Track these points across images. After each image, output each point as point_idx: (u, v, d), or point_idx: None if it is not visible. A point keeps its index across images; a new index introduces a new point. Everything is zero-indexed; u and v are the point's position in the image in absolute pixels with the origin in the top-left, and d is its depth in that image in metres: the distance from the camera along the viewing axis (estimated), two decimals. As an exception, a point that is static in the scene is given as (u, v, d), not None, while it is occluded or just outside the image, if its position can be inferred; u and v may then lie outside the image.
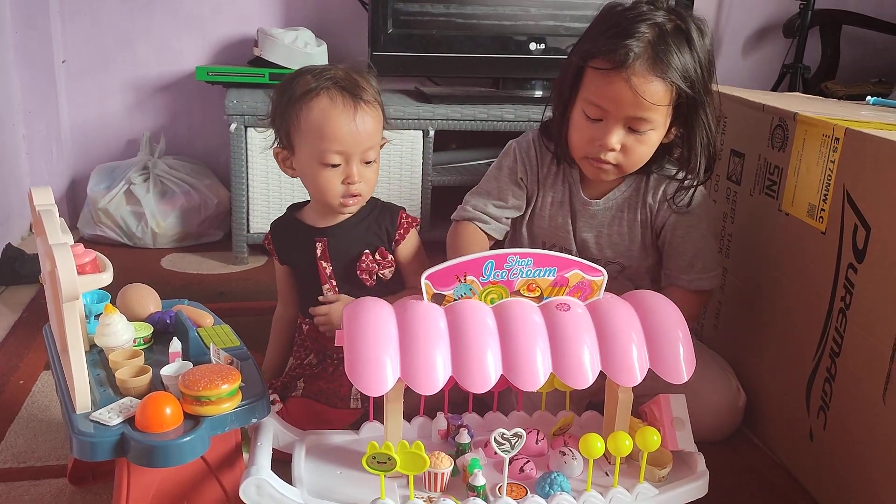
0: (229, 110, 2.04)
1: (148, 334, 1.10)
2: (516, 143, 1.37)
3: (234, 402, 0.94)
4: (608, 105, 1.18)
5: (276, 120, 1.27)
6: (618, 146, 1.20)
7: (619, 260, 1.35)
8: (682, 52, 1.16)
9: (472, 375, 0.88)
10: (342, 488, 0.97)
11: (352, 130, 1.21)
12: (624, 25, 1.17)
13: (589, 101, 1.21)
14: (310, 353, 1.35)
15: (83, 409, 0.92)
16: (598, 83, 1.19)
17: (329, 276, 1.30)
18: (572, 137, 1.26)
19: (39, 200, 0.99)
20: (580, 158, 1.27)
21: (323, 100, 1.21)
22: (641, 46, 1.15)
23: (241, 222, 2.14)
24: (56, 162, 2.44)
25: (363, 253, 1.30)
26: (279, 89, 1.27)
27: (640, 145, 1.21)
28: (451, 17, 2.25)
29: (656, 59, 1.15)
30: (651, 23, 1.16)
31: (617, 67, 1.15)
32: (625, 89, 1.15)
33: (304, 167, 1.26)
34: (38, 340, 1.64)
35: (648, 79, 1.15)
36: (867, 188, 1.13)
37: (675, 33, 1.17)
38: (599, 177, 1.27)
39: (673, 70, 1.15)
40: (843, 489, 1.17)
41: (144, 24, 2.43)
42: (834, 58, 2.76)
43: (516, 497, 0.94)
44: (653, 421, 1.05)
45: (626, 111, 1.17)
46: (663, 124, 1.21)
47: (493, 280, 0.94)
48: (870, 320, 1.11)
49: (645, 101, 1.15)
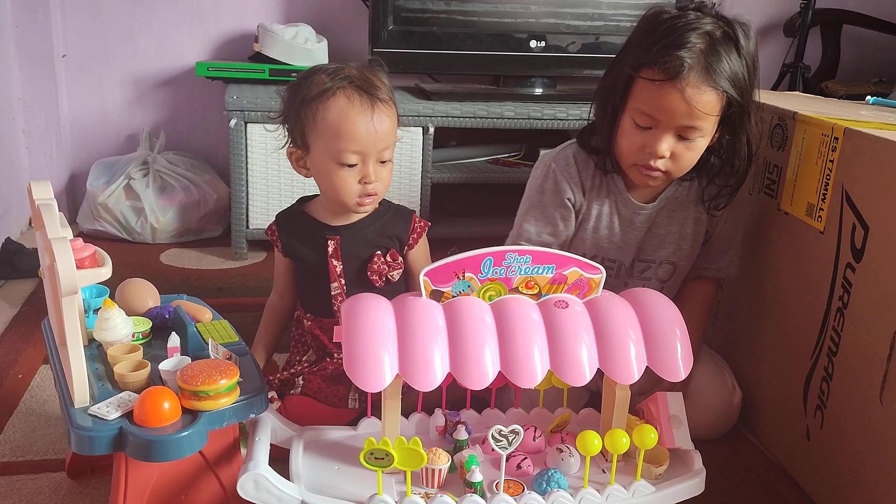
0: (229, 106, 2.04)
1: (146, 329, 1.10)
2: (553, 163, 1.34)
3: (232, 398, 0.94)
4: (660, 115, 1.19)
5: (290, 119, 1.27)
6: (668, 153, 1.21)
7: (673, 259, 1.36)
8: (732, 60, 1.17)
9: (470, 372, 0.89)
10: (340, 484, 0.97)
11: (369, 130, 1.21)
12: (674, 35, 1.17)
13: (640, 110, 1.21)
14: (308, 350, 1.35)
15: (81, 404, 0.92)
16: (649, 93, 1.19)
17: (339, 275, 1.30)
18: (621, 145, 1.26)
19: (39, 195, 1.00)
20: (628, 166, 1.27)
21: (340, 99, 1.21)
22: (694, 57, 1.15)
23: (240, 218, 2.14)
24: (55, 156, 2.44)
25: (375, 254, 1.30)
26: (292, 88, 1.27)
27: (689, 152, 1.22)
28: (451, 14, 2.25)
29: (708, 69, 1.15)
30: (701, 32, 1.17)
31: (671, 79, 1.15)
32: (678, 100, 1.16)
33: (319, 166, 1.25)
34: (37, 335, 1.64)
35: (702, 89, 1.15)
36: (866, 188, 1.13)
37: (724, 41, 1.18)
38: (647, 183, 1.27)
39: (724, 79, 1.16)
40: (840, 488, 1.17)
41: (145, 18, 2.43)
42: (834, 57, 2.75)
43: (513, 494, 0.94)
44: (650, 418, 1.05)
45: (678, 121, 1.18)
46: (711, 131, 1.22)
47: (491, 277, 0.94)
48: (867, 320, 1.12)
49: (697, 112, 1.16)
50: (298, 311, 1.39)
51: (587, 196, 1.33)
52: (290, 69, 2.27)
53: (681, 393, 1.04)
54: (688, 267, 1.38)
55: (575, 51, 2.33)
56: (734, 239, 1.38)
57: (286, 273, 1.39)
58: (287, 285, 1.40)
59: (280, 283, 1.41)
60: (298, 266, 1.36)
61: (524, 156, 2.42)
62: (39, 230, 0.98)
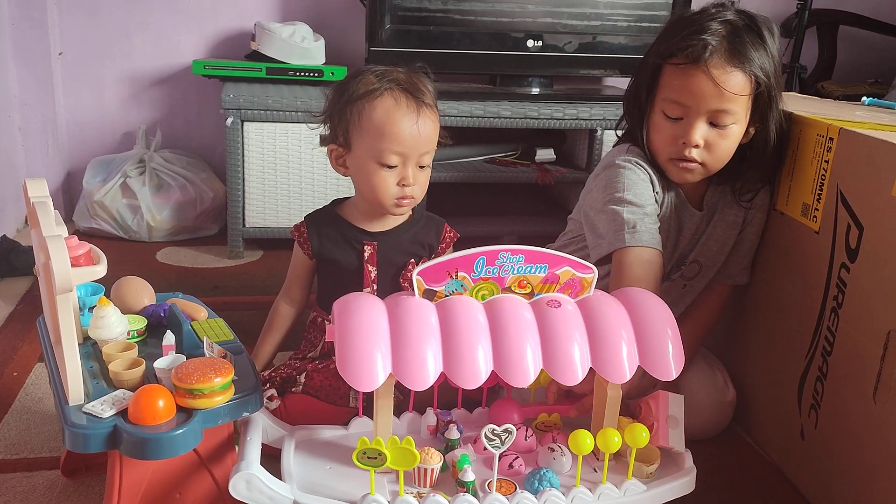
0: (226, 104, 2.04)
1: (142, 327, 1.10)
2: (627, 162, 1.27)
3: (226, 396, 0.94)
4: (689, 100, 1.19)
5: (334, 116, 1.27)
6: (701, 142, 1.21)
7: (699, 258, 1.36)
8: (756, 47, 1.19)
9: (463, 371, 0.89)
10: (332, 483, 0.97)
11: (413, 133, 1.22)
12: (697, 24, 1.19)
13: (669, 99, 1.22)
14: (315, 348, 1.35)
15: (76, 401, 0.92)
16: (677, 79, 1.20)
17: (372, 280, 1.31)
18: (654, 140, 1.26)
19: (34, 192, 1.00)
20: (665, 161, 1.26)
21: (387, 100, 1.22)
22: (717, 40, 1.17)
23: (236, 216, 2.14)
24: (52, 154, 2.44)
25: (409, 262, 1.31)
26: (338, 87, 1.28)
27: (723, 140, 1.22)
28: (448, 13, 2.26)
29: (733, 50, 1.17)
30: (723, 20, 1.19)
31: (696, 61, 1.17)
32: (705, 81, 1.17)
33: (359, 165, 1.26)
34: (32, 332, 1.64)
35: (727, 69, 1.17)
36: (860, 188, 1.14)
37: (747, 30, 1.20)
38: (685, 178, 1.26)
39: (750, 62, 1.17)
40: (834, 488, 1.17)
41: (142, 16, 2.43)
42: (831, 58, 2.76)
43: (505, 493, 0.94)
44: (647, 415, 1.05)
45: (708, 104, 1.18)
46: (744, 117, 1.22)
47: (484, 276, 0.94)
48: (862, 319, 1.12)
49: (726, 92, 1.17)
50: (315, 311, 1.39)
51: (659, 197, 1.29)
52: (286, 67, 2.27)
53: (682, 396, 1.04)
54: (713, 269, 1.38)
55: (572, 50, 2.33)
56: (753, 248, 1.37)
57: (306, 276, 1.38)
58: (303, 288, 1.39)
59: (295, 285, 1.39)
60: (326, 269, 1.35)
61: (520, 155, 2.42)
62: (34, 228, 0.98)
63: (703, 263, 1.37)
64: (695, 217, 1.33)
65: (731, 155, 1.24)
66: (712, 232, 1.35)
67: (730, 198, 1.33)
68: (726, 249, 1.36)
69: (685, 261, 1.37)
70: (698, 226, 1.35)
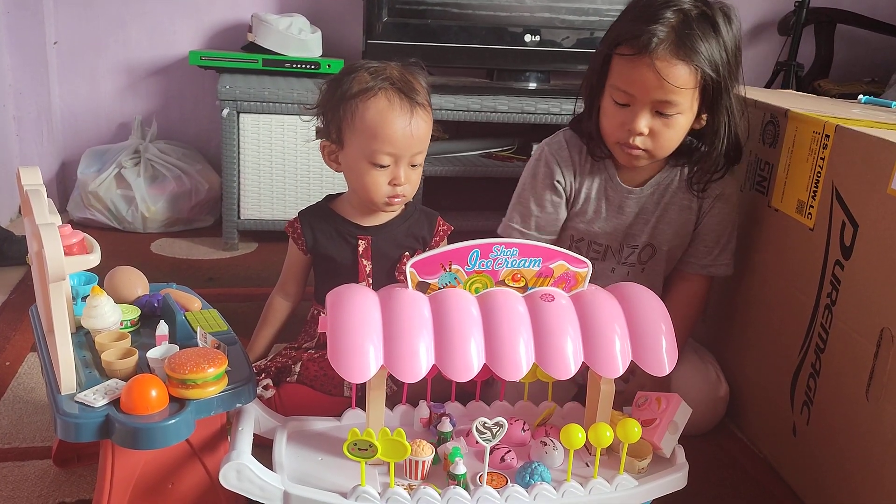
0: (222, 95, 2.03)
1: (135, 317, 1.10)
2: (547, 147, 1.38)
3: (219, 386, 0.94)
4: (634, 90, 1.21)
5: (328, 113, 1.27)
6: (646, 130, 1.22)
7: (653, 242, 1.37)
8: (707, 38, 1.18)
9: (456, 364, 0.89)
10: (323, 474, 0.97)
11: (405, 134, 1.21)
12: (649, 12, 1.19)
13: (616, 87, 1.23)
14: (312, 340, 1.35)
15: (68, 391, 0.92)
16: (624, 69, 1.21)
17: (368, 275, 1.31)
18: (603, 124, 1.29)
19: (27, 180, 0.99)
20: (612, 145, 1.29)
21: (381, 100, 1.21)
22: (665, 31, 1.17)
23: (231, 208, 2.13)
24: (46, 144, 2.43)
25: (403, 255, 1.31)
26: (333, 83, 1.27)
27: (668, 129, 1.23)
28: (446, 6, 2.25)
29: (680, 43, 1.17)
30: (676, 9, 1.19)
31: (641, 52, 1.18)
32: (649, 73, 1.18)
33: (351, 163, 1.26)
34: (25, 322, 1.64)
35: (672, 62, 1.17)
36: (856, 186, 1.14)
37: (699, 19, 1.19)
38: (631, 163, 1.29)
39: (697, 54, 1.17)
40: (825, 484, 1.18)
41: (138, 6, 2.42)
42: (828, 56, 2.76)
43: (497, 486, 0.94)
44: (651, 409, 1.05)
45: (652, 95, 1.20)
46: (690, 108, 1.23)
47: (478, 269, 0.94)
48: (855, 317, 1.12)
49: (669, 85, 1.17)
50: (314, 306, 1.39)
51: (578, 179, 1.35)
52: (283, 59, 2.27)
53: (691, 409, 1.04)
54: (669, 254, 1.38)
55: (569, 46, 2.33)
56: (723, 237, 1.37)
57: (301, 271, 1.38)
58: (298, 283, 1.39)
59: (291, 280, 1.39)
60: (321, 264, 1.35)
61: (517, 150, 2.42)
62: (28, 216, 0.97)
63: (656, 247, 1.38)
64: (633, 195, 1.34)
65: (677, 143, 1.27)
66: (663, 215, 1.35)
67: (683, 182, 1.35)
68: (683, 234, 1.37)
69: (637, 242, 1.37)
70: (644, 206, 1.35)
